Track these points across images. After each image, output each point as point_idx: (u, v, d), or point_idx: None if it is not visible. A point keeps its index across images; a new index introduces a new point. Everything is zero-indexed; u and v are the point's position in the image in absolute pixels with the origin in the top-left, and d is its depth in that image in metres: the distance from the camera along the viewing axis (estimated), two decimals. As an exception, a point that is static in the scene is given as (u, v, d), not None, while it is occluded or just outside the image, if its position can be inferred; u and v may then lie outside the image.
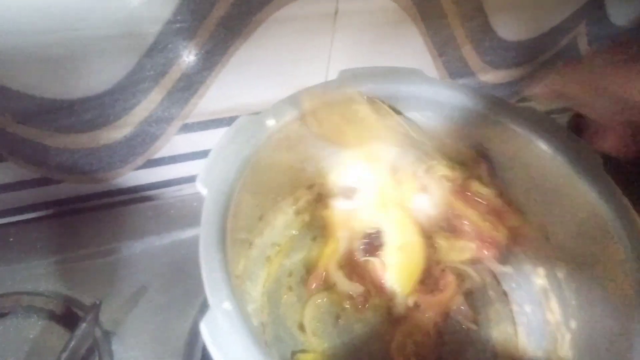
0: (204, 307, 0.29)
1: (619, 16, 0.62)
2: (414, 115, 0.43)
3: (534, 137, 0.41)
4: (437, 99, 0.42)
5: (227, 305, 0.29)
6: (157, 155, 0.53)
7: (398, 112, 0.43)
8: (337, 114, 0.40)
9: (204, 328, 0.28)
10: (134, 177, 0.54)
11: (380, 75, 0.41)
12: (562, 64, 0.61)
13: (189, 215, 0.54)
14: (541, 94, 0.42)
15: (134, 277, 0.48)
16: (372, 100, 0.41)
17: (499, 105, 0.41)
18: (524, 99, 0.68)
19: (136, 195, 0.56)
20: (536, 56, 0.62)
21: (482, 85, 0.63)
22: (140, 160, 0.53)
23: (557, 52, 0.63)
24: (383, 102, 0.41)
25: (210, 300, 0.29)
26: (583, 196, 0.38)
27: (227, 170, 0.35)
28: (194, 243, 0.51)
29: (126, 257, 0.50)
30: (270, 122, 0.37)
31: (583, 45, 0.64)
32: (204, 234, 0.32)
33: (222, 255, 0.32)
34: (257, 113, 0.38)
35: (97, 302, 0.43)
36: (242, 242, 0.41)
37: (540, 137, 0.40)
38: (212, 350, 0.27)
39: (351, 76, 0.40)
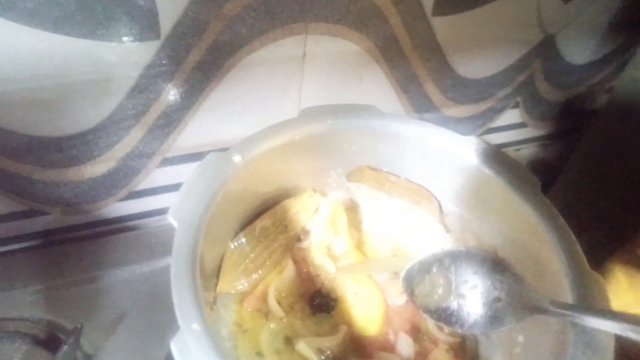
0: (176, 328, 0.32)
1: (571, 54, 0.67)
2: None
3: (480, 165, 0.45)
4: (388, 129, 0.46)
5: (196, 326, 0.32)
6: (139, 188, 0.56)
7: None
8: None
9: (174, 347, 0.31)
10: (117, 208, 0.57)
11: (339, 112, 0.45)
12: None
13: (169, 243, 0.56)
14: None
15: (114, 304, 0.51)
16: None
17: (444, 135, 0.46)
18: (488, 131, 0.73)
19: (119, 226, 0.59)
20: (496, 92, 0.67)
21: (447, 120, 0.67)
22: (123, 193, 0.56)
23: (516, 87, 0.68)
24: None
25: (180, 321, 0.32)
26: (523, 215, 0.42)
27: (196, 204, 0.38)
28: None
29: (108, 284, 0.53)
30: (237, 158, 0.41)
31: (540, 81, 0.69)
32: (175, 262, 0.35)
33: (191, 281, 0.35)
34: (225, 149, 0.41)
35: (79, 326, 0.45)
36: (213, 270, 0.44)
37: (485, 164, 0.44)
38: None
39: (311, 113, 0.44)
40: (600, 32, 0.66)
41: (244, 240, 0.47)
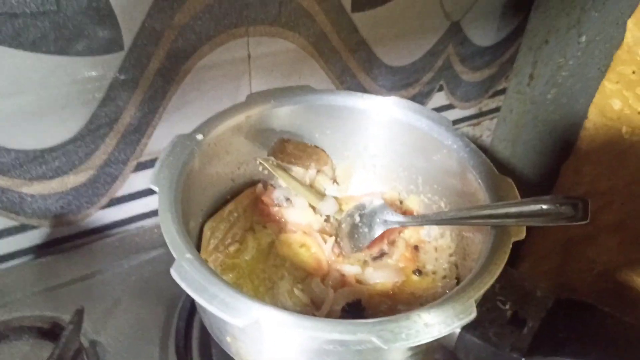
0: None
1: (477, 37, 0.78)
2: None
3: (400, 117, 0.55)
4: (329, 103, 0.55)
5: (189, 255, 0.38)
6: (119, 194, 0.63)
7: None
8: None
9: (174, 273, 0.37)
10: (100, 216, 0.63)
11: (278, 93, 0.54)
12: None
13: (151, 240, 0.63)
14: None
15: (109, 294, 0.56)
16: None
17: (369, 98, 0.56)
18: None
19: (104, 234, 0.65)
20: (420, 77, 0.77)
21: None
22: (104, 200, 0.62)
23: (437, 71, 0.78)
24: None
25: (175, 254, 0.38)
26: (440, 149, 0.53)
27: (171, 172, 0.45)
28: (157, 260, 0.61)
29: (100, 279, 0.58)
30: (199, 137, 0.49)
31: (456, 64, 0.80)
32: (162, 214, 0.42)
33: (178, 226, 0.41)
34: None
35: (80, 308, 0.50)
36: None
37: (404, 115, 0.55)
38: (183, 286, 0.36)
39: (256, 97, 0.53)
40: (497, 15, 0.77)
41: (214, 223, 0.54)
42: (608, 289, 0.73)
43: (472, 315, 0.35)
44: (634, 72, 0.60)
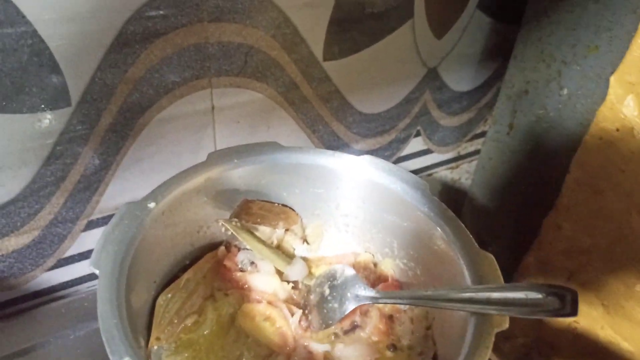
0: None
1: (454, 83, 0.75)
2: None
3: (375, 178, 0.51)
4: (297, 161, 0.51)
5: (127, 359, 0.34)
6: (67, 254, 0.57)
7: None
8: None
9: None
10: (46, 278, 0.58)
11: (242, 151, 0.50)
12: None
13: (102, 305, 0.57)
14: None
15: (50, 372, 0.51)
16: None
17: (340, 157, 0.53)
18: (398, 160, 0.79)
19: (50, 297, 0.59)
20: (396, 124, 0.74)
21: (358, 153, 0.73)
22: (51, 261, 0.57)
23: (414, 117, 0.75)
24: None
25: (111, 357, 0.34)
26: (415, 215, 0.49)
27: (115, 251, 0.40)
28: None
29: (41, 354, 0.52)
30: (151, 205, 0.44)
31: (433, 109, 0.77)
32: (100, 307, 0.37)
33: (118, 320, 0.36)
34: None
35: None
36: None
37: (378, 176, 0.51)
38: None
39: (217, 155, 0.49)
40: (475, 61, 0.75)
41: (169, 295, 0.49)
42: (589, 348, 0.70)
43: None
44: (617, 130, 0.58)
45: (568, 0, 0.60)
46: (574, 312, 0.35)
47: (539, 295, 0.37)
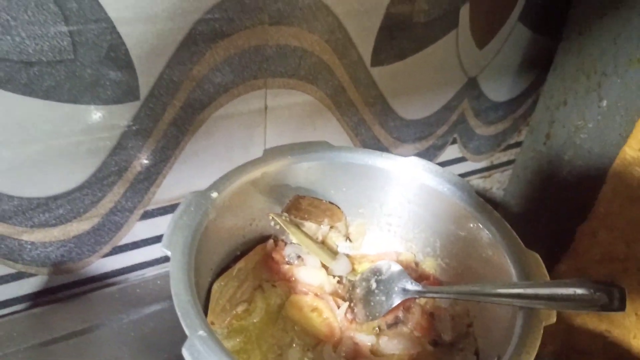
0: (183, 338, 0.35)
1: (493, 92, 0.77)
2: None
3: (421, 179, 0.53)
4: (347, 160, 0.54)
5: (202, 332, 0.36)
6: (122, 242, 0.60)
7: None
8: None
9: (186, 352, 0.34)
10: (101, 264, 0.61)
11: (296, 149, 0.53)
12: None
13: (153, 293, 0.60)
14: None
15: (106, 352, 0.53)
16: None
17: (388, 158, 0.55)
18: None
19: (103, 283, 0.62)
20: (434, 130, 0.76)
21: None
22: (106, 249, 0.60)
23: (451, 125, 0.77)
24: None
25: (187, 330, 0.36)
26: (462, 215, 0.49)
27: (184, 235, 0.43)
28: (159, 316, 0.58)
29: (98, 335, 0.55)
30: (214, 194, 0.46)
31: (471, 118, 0.79)
32: (174, 284, 0.39)
33: (191, 297, 0.39)
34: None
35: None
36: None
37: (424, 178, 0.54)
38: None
39: (273, 152, 0.51)
40: (514, 72, 0.77)
41: (222, 283, 0.52)
42: (620, 357, 0.70)
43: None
44: (656, 141, 0.59)
45: (610, 14, 0.62)
46: (622, 307, 0.37)
47: (587, 292, 0.39)
